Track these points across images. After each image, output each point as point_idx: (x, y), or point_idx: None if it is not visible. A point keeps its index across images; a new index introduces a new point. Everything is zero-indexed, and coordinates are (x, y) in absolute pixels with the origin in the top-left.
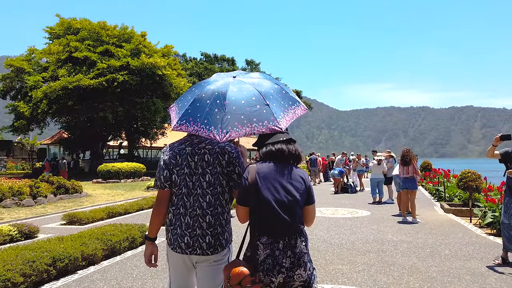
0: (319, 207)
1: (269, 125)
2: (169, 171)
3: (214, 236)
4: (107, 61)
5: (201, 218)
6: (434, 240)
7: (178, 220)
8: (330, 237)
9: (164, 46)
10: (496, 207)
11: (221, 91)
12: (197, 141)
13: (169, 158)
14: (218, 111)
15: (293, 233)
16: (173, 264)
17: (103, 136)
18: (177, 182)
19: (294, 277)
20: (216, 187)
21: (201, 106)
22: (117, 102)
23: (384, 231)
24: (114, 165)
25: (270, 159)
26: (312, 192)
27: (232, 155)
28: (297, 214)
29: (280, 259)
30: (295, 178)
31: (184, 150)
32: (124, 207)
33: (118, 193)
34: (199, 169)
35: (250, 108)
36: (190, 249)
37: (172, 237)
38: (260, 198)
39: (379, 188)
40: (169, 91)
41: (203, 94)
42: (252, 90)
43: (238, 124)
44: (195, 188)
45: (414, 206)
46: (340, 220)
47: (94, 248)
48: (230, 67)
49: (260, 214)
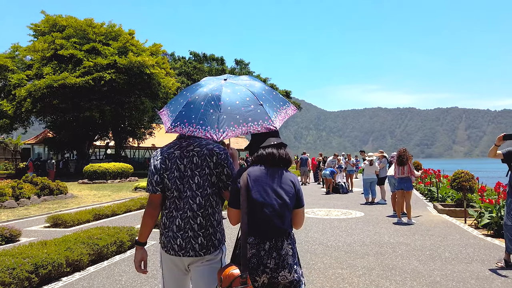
0: (312, 208)
1: (264, 124)
2: (160, 176)
3: (206, 237)
4: (93, 59)
5: (192, 220)
6: (432, 242)
7: (171, 222)
8: (326, 239)
9: (153, 45)
10: (494, 207)
11: (214, 93)
12: (186, 144)
13: (159, 163)
14: (214, 112)
15: (281, 235)
16: (167, 267)
17: (89, 136)
18: (168, 186)
19: (279, 278)
20: (205, 188)
21: (195, 108)
22: (104, 101)
23: (381, 233)
24: (100, 165)
25: (261, 163)
26: (301, 195)
27: (220, 156)
28: (286, 217)
29: (264, 259)
30: (286, 182)
31: (173, 154)
32: (111, 209)
33: (105, 194)
34: (188, 171)
35: (244, 108)
36: (183, 251)
37: (165, 239)
38: (250, 201)
39: (372, 188)
40: (157, 90)
41: (197, 96)
42: (245, 91)
43: (234, 124)
44: (185, 191)
45: (410, 207)
46: (334, 221)
47: (80, 253)
48: (219, 67)
49: (251, 216)
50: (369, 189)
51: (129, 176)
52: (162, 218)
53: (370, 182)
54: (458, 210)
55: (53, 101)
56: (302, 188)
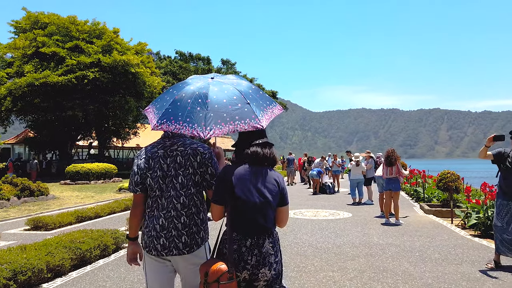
0: (299, 208)
1: (251, 123)
2: (142, 175)
3: (189, 236)
4: (76, 57)
5: (176, 219)
6: (421, 243)
7: (152, 222)
8: (316, 241)
9: (138, 44)
10: (481, 208)
11: (202, 91)
12: (170, 144)
13: (142, 162)
14: (201, 109)
15: (263, 233)
16: (149, 267)
17: (72, 136)
18: (152, 185)
19: (259, 275)
20: (189, 188)
21: (182, 106)
22: (87, 100)
23: (369, 234)
24: (83, 165)
25: (246, 161)
26: (286, 194)
27: (204, 155)
28: (268, 215)
29: (245, 256)
30: (269, 181)
31: (156, 153)
32: (94, 211)
33: (88, 195)
34: (172, 171)
35: (232, 107)
36: (166, 250)
37: (148, 239)
38: (233, 198)
39: (359, 189)
40: (142, 89)
41: (183, 94)
42: (232, 90)
43: (221, 122)
44: (168, 190)
45: (398, 207)
46: (322, 222)
47: (62, 258)
48: (205, 66)
49: (233, 213)
50: (356, 190)
51: (113, 177)
52: (145, 218)
53: (357, 182)
54: (445, 210)
55: (34, 100)
56: (288, 188)
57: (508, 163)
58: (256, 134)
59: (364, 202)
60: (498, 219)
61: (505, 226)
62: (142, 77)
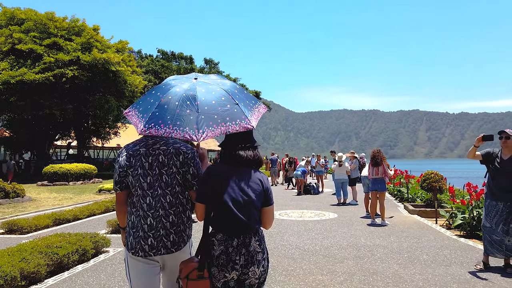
0: (284, 209)
1: (242, 124)
2: (121, 174)
3: (177, 234)
4: (54, 55)
5: (164, 218)
6: (408, 244)
7: (139, 222)
8: (303, 242)
9: (118, 42)
10: (466, 208)
11: (189, 93)
12: (152, 142)
13: (123, 160)
14: (191, 112)
15: (248, 232)
16: (134, 271)
17: (49, 135)
18: (133, 184)
19: (249, 273)
20: (174, 187)
21: (170, 109)
22: (65, 99)
23: (356, 235)
24: (62, 166)
25: (230, 162)
26: (270, 194)
27: (187, 155)
28: (252, 214)
29: (233, 256)
30: (253, 180)
31: (138, 151)
32: (73, 213)
33: (66, 196)
34: (156, 169)
35: (221, 108)
36: (154, 250)
37: (134, 240)
38: (217, 198)
39: (344, 189)
40: (123, 88)
41: (170, 97)
42: (219, 91)
43: (213, 124)
44: (155, 189)
45: (384, 208)
46: (308, 224)
47: (37, 264)
48: (188, 66)
49: (217, 212)
50: (340, 190)
51: (93, 178)
52: (130, 218)
53: (341, 182)
54: (429, 210)
55: (10, 99)
56: (272, 189)
57: (496, 163)
58: (242, 135)
59: (349, 203)
60: (486, 219)
61: (493, 227)
62: (123, 75)
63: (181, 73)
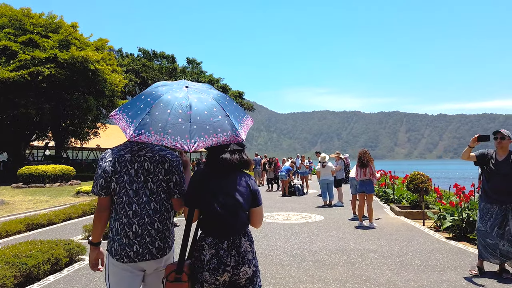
0: (270, 211)
1: (232, 135)
2: (106, 179)
3: (162, 240)
4: (30, 52)
5: (150, 225)
6: (399, 248)
7: (123, 229)
8: (290, 247)
9: (98, 40)
10: (455, 210)
11: (181, 101)
12: (137, 148)
13: (108, 165)
14: (183, 121)
15: (237, 234)
16: (116, 277)
17: (25, 136)
18: (116, 190)
19: (240, 274)
20: (159, 194)
21: (161, 116)
22: (42, 98)
23: (345, 239)
24: (37, 167)
25: (217, 165)
26: (258, 195)
27: (172, 163)
28: (240, 217)
29: (224, 258)
30: (240, 184)
31: (123, 157)
32: (47, 217)
33: (42, 199)
34: (141, 177)
35: (213, 119)
36: (139, 256)
37: (119, 247)
38: (205, 201)
39: (329, 190)
40: (103, 87)
41: (161, 104)
42: (211, 102)
43: (205, 134)
44: (140, 196)
45: (371, 210)
46: (295, 227)
47: (3, 276)
48: (170, 65)
49: (206, 216)
50: (326, 191)
51: (71, 179)
52: (114, 224)
53: (326, 183)
54: (415, 212)
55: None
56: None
57: (491, 164)
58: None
59: (335, 204)
60: (481, 223)
61: (488, 230)
62: (102, 74)
63: (162, 73)
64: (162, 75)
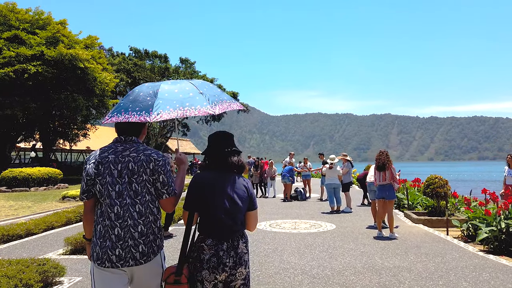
0: (274, 219)
1: (202, 109)
2: (88, 182)
3: (147, 245)
4: (16, 49)
5: (133, 228)
6: (434, 265)
7: (107, 232)
8: (308, 265)
9: (88, 37)
10: (493, 219)
11: (155, 85)
12: (122, 149)
13: (91, 167)
14: (150, 99)
15: (236, 236)
16: (101, 281)
17: (11, 137)
18: (102, 192)
19: (236, 274)
20: (144, 195)
21: (134, 99)
22: (28, 97)
23: (368, 253)
24: (22, 170)
25: (215, 169)
26: (254, 199)
27: (158, 163)
28: (239, 219)
29: (224, 258)
30: (238, 187)
31: (106, 159)
32: (25, 227)
33: (24, 205)
34: (126, 178)
35: (183, 95)
36: (122, 261)
37: (101, 250)
38: (205, 204)
39: (336, 195)
40: (92, 86)
41: (137, 90)
42: (187, 83)
43: (170, 108)
44: (124, 198)
45: (392, 218)
46: (306, 237)
47: None
48: (162, 64)
49: (206, 219)
50: (333, 196)
51: (58, 183)
52: (97, 227)
53: (333, 188)
54: (435, 219)
55: None
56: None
57: None
58: (225, 142)
59: (343, 210)
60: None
61: None
62: (92, 72)
63: (154, 72)
64: (154, 75)
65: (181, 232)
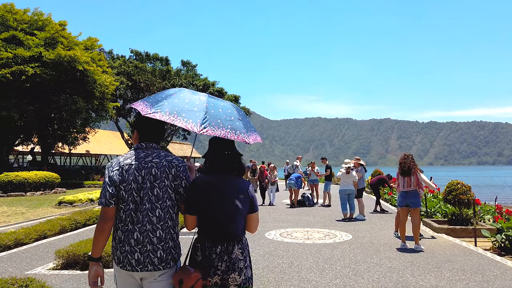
0: (284, 227)
1: (240, 136)
2: (115, 188)
3: (166, 251)
4: (13, 50)
5: (151, 233)
6: (476, 284)
7: (127, 236)
8: (331, 284)
9: (87, 39)
10: None
11: (200, 97)
12: (144, 155)
13: (115, 174)
14: (198, 110)
15: (232, 240)
16: (122, 284)
17: (8, 140)
18: (124, 198)
19: (229, 280)
20: (165, 200)
21: (179, 102)
22: (25, 100)
23: (396, 268)
24: (18, 174)
25: (215, 172)
26: (255, 202)
27: (179, 168)
28: (239, 223)
29: (215, 262)
30: (239, 190)
31: (130, 165)
32: (15, 236)
33: (18, 211)
34: (147, 183)
35: (226, 117)
36: (141, 265)
37: (121, 254)
38: (205, 207)
39: (350, 202)
40: (92, 88)
41: (182, 95)
42: (228, 105)
43: (215, 125)
44: (143, 203)
45: (418, 228)
46: (323, 249)
47: None
48: (163, 67)
49: (205, 221)
50: (347, 203)
51: (55, 187)
52: (117, 232)
53: (347, 194)
54: (459, 228)
55: None
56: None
57: None
58: (226, 145)
59: (356, 218)
60: None
61: None
62: (92, 75)
63: (156, 75)
64: (155, 77)
65: (185, 238)
